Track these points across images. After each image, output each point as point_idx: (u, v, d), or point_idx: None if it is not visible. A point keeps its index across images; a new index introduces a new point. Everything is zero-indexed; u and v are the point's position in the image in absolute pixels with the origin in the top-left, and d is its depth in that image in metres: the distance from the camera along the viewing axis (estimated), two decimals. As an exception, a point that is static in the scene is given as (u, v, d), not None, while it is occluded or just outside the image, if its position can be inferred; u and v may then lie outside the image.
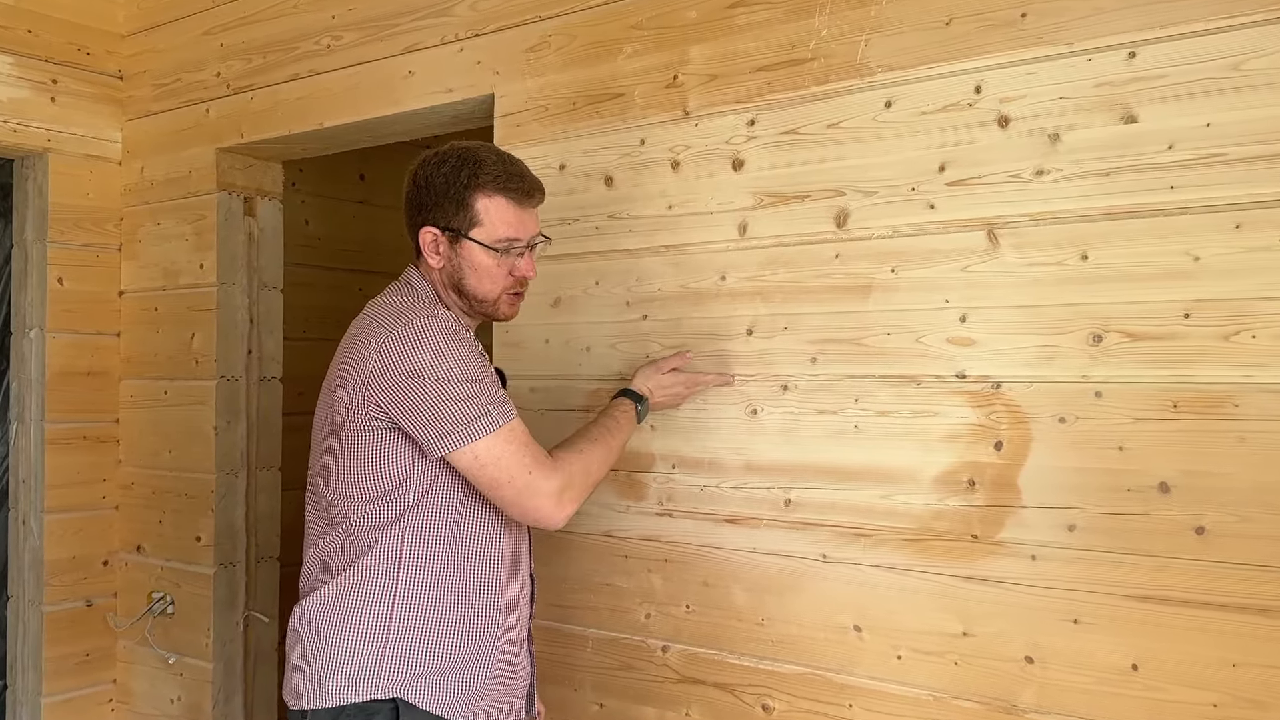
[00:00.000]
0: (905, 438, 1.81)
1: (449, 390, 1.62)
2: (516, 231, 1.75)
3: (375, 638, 1.67)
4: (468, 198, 1.73)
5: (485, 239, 1.73)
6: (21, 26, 2.98)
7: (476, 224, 1.73)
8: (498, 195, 1.73)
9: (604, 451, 1.79)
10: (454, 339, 1.65)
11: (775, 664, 1.94)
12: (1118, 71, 1.62)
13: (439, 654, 1.68)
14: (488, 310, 1.80)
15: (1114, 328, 1.62)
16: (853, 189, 1.86)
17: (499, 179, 1.74)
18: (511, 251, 1.76)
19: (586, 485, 1.74)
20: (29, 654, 3.09)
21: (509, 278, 1.77)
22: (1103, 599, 1.62)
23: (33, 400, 3.08)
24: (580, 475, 1.72)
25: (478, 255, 1.74)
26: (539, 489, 1.65)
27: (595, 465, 1.76)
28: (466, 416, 1.62)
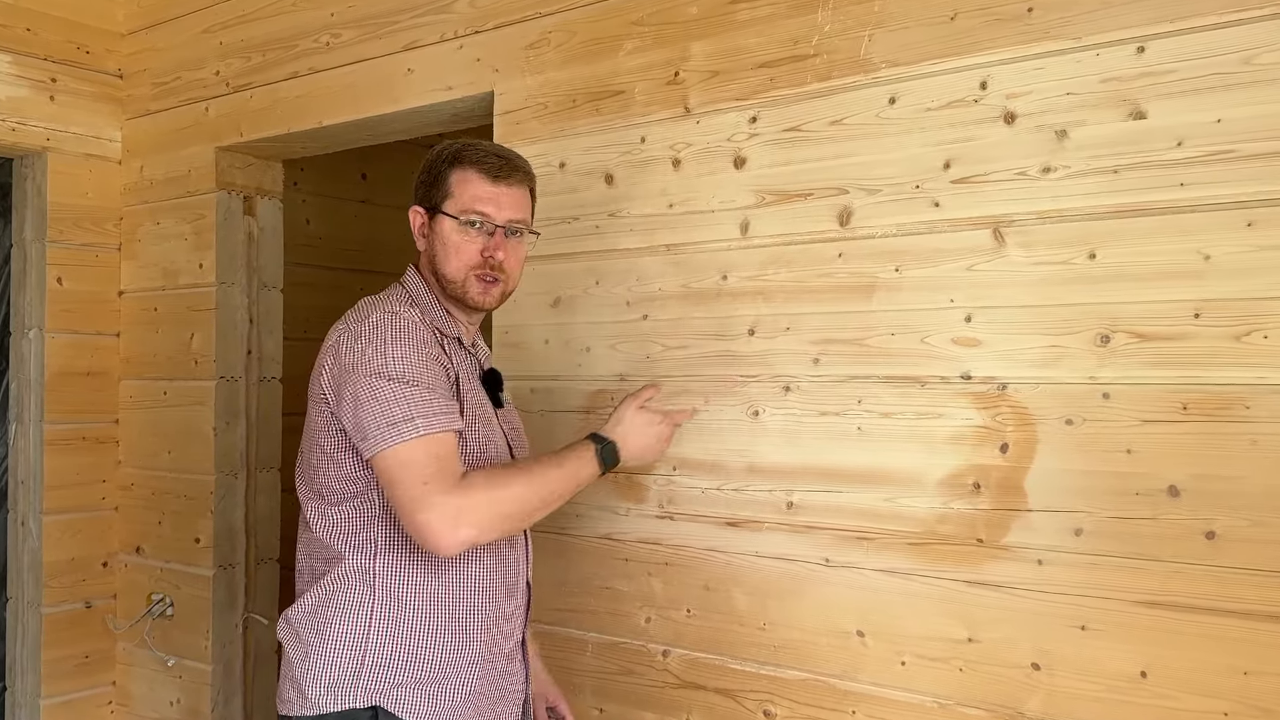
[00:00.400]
0: (909, 440, 1.78)
1: (380, 390, 1.56)
2: (486, 206, 1.71)
3: (354, 645, 1.63)
4: (444, 171, 1.72)
5: (453, 211, 1.71)
6: (20, 25, 2.96)
7: (448, 196, 1.71)
8: (470, 169, 1.71)
9: (528, 487, 1.60)
10: (403, 338, 1.60)
11: (777, 669, 1.91)
12: (1126, 66, 1.59)
13: (419, 663, 1.64)
14: (457, 293, 1.73)
15: (1122, 328, 1.59)
16: (856, 187, 1.83)
17: (475, 154, 1.72)
18: (481, 227, 1.70)
19: (494, 516, 1.55)
20: (28, 656, 3.07)
21: (477, 257, 1.71)
22: (1111, 605, 1.59)
23: (32, 401, 3.06)
24: (485, 504, 1.54)
25: (449, 231, 1.71)
26: (430, 503, 1.51)
27: (510, 498, 1.58)
28: (390, 419, 1.54)
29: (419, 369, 1.59)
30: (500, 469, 1.62)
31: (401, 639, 1.63)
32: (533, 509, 1.61)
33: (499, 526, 1.57)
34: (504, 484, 1.58)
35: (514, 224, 1.74)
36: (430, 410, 1.56)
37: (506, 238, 1.73)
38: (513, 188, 1.74)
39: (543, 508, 1.62)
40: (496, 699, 1.73)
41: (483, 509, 1.54)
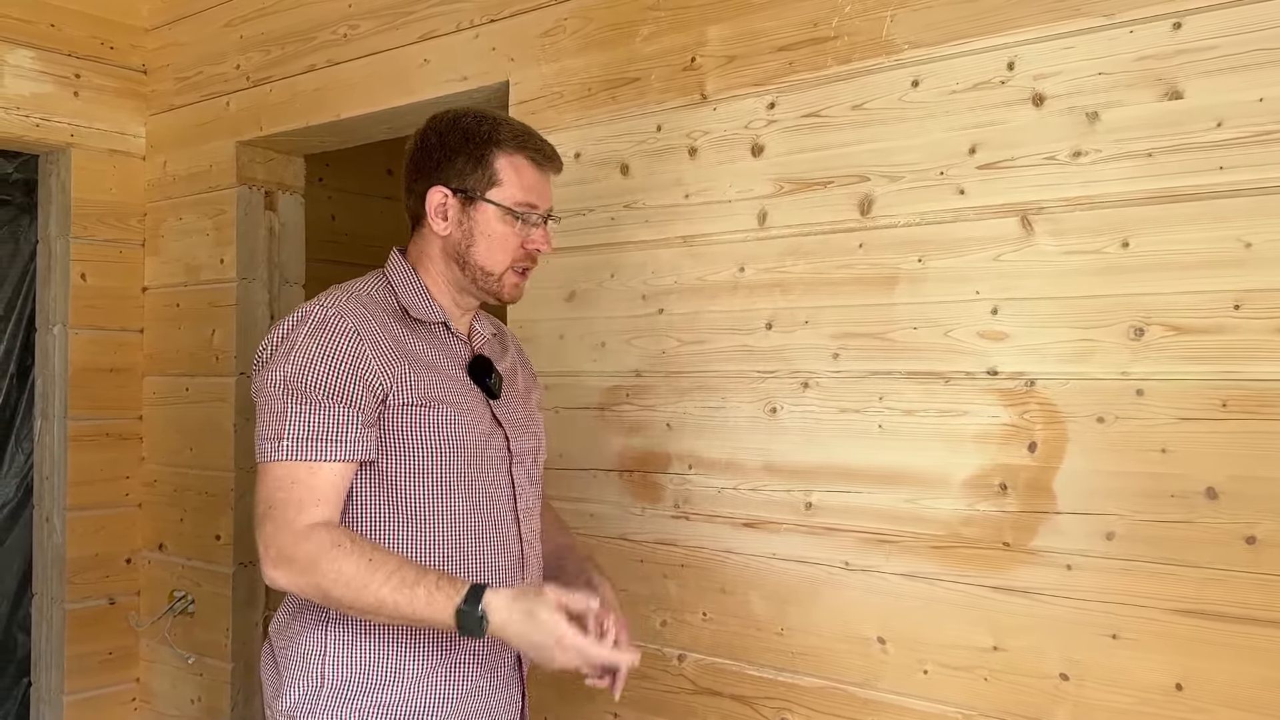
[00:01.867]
0: (932, 438, 1.70)
1: (272, 400, 1.46)
2: (535, 197, 1.58)
3: (313, 664, 1.51)
4: (487, 155, 1.56)
5: (504, 200, 1.56)
6: (44, 20, 2.96)
7: (495, 184, 1.56)
8: (519, 155, 1.57)
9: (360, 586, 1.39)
10: (326, 339, 1.47)
11: (795, 676, 1.84)
12: (1161, 44, 1.50)
13: (382, 685, 1.51)
14: (491, 287, 1.60)
15: (1157, 320, 1.50)
16: (877, 174, 1.76)
17: (520, 137, 1.58)
18: (528, 220, 1.58)
19: (308, 584, 1.41)
20: (52, 652, 3.08)
21: (520, 250, 1.59)
22: (1144, 613, 1.50)
23: (56, 397, 3.06)
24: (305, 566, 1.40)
25: (493, 220, 1.56)
26: (264, 531, 1.43)
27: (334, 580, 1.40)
28: (270, 434, 1.45)
29: (324, 380, 1.45)
30: (355, 545, 1.42)
31: (360, 656, 1.51)
32: (353, 605, 1.41)
33: (311, 594, 1.43)
34: (338, 562, 1.39)
35: (551, 214, 1.64)
36: (308, 434, 1.44)
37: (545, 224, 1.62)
38: (554, 176, 1.64)
39: (368, 612, 1.42)
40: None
41: (300, 570, 1.41)
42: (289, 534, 1.42)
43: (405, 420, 1.51)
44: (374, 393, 1.48)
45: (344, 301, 1.53)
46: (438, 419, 1.53)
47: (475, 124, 1.59)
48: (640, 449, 2.03)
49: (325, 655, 1.52)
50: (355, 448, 1.47)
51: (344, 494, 1.48)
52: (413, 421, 1.51)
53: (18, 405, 3.14)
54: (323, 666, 1.52)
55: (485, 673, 1.58)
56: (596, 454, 2.09)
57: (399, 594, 1.39)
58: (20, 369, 3.13)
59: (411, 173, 1.62)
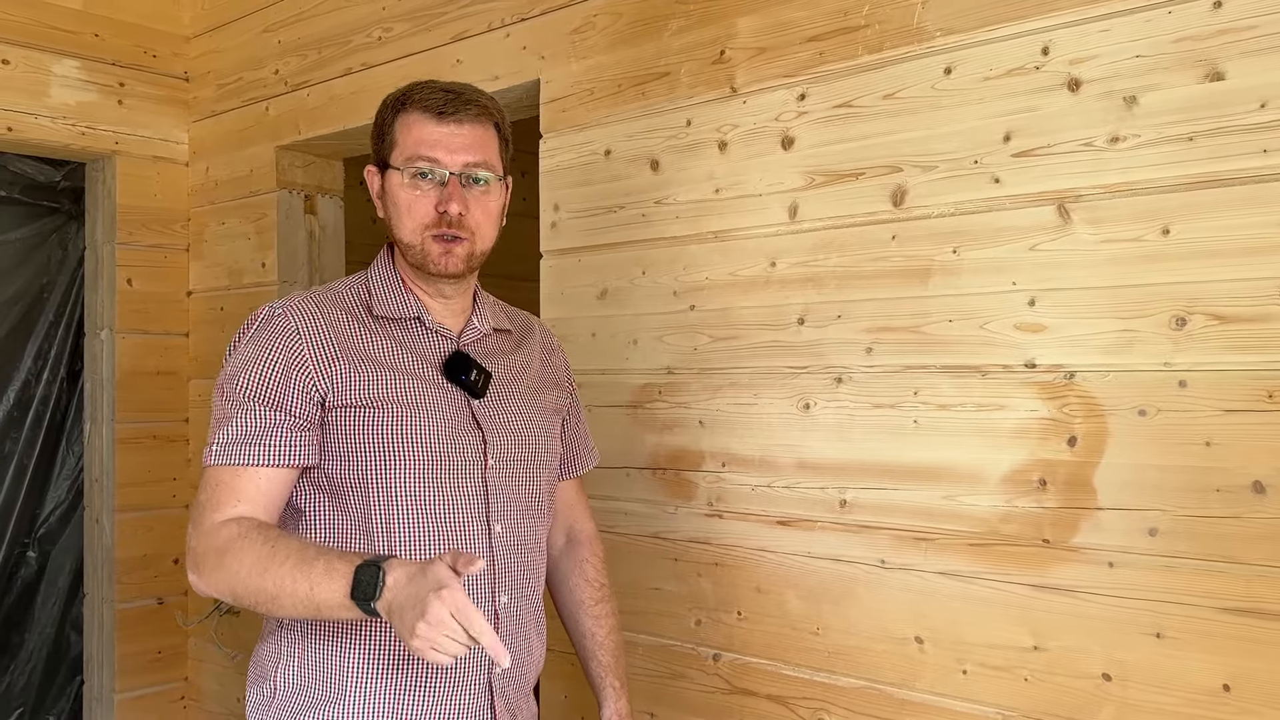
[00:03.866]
0: (969, 433, 1.66)
1: (215, 400, 1.44)
2: (435, 150, 1.44)
3: (270, 673, 1.47)
4: (389, 119, 1.49)
5: (398, 161, 1.46)
6: (89, 31, 3.01)
7: (394, 146, 1.47)
8: (413, 111, 1.46)
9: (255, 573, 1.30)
10: (264, 340, 1.42)
11: (831, 676, 1.81)
12: (1201, 24, 1.45)
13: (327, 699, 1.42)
14: (417, 259, 1.48)
15: (1200, 309, 1.45)
16: (910, 164, 1.73)
17: (418, 92, 1.48)
18: (430, 176, 1.44)
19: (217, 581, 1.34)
20: (103, 651, 3.13)
21: (432, 213, 1.45)
22: (1189, 611, 1.45)
23: (104, 400, 3.12)
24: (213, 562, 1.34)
25: (394, 187, 1.47)
26: (189, 533, 1.40)
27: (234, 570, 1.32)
28: (209, 437, 1.42)
29: (256, 384, 1.40)
30: (261, 532, 1.34)
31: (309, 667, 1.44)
32: (257, 597, 1.31)
33: (223, 593, 1.36)
34: (242, 552, 1.32)
35: (472, 169, 1.46)
36: (235, 437, 1.39)
37: (465, 187, 1.46)
38: (466, 125, 1.46)
39: (272, 603, 1.31)
40: None
41: (211, 567, 1.35)
42: (203, 535, 1.37)
43: (343, 425, 1.43)
44: (308, 396, 1.42)
45: (298, 300, 1.48)
46: (379, 424, 1.43)
47: (394, 94, 1.52)
48: (673, 446, 2.02)
49: (279, 663, 1.47)
50: (284, 452, 1.39)
51: (274, 499, 1.41)
52: (351, 426, 1.43)
53: (68, 409, 3.20)
54: (276, 674, 1.46)
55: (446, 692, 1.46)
56: (629, 452, 2.08)
57: (297, 572, 1.28)
58: (70, 373, 3.20)
59: None
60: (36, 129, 2.93)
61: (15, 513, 3.10)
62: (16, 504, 3.11)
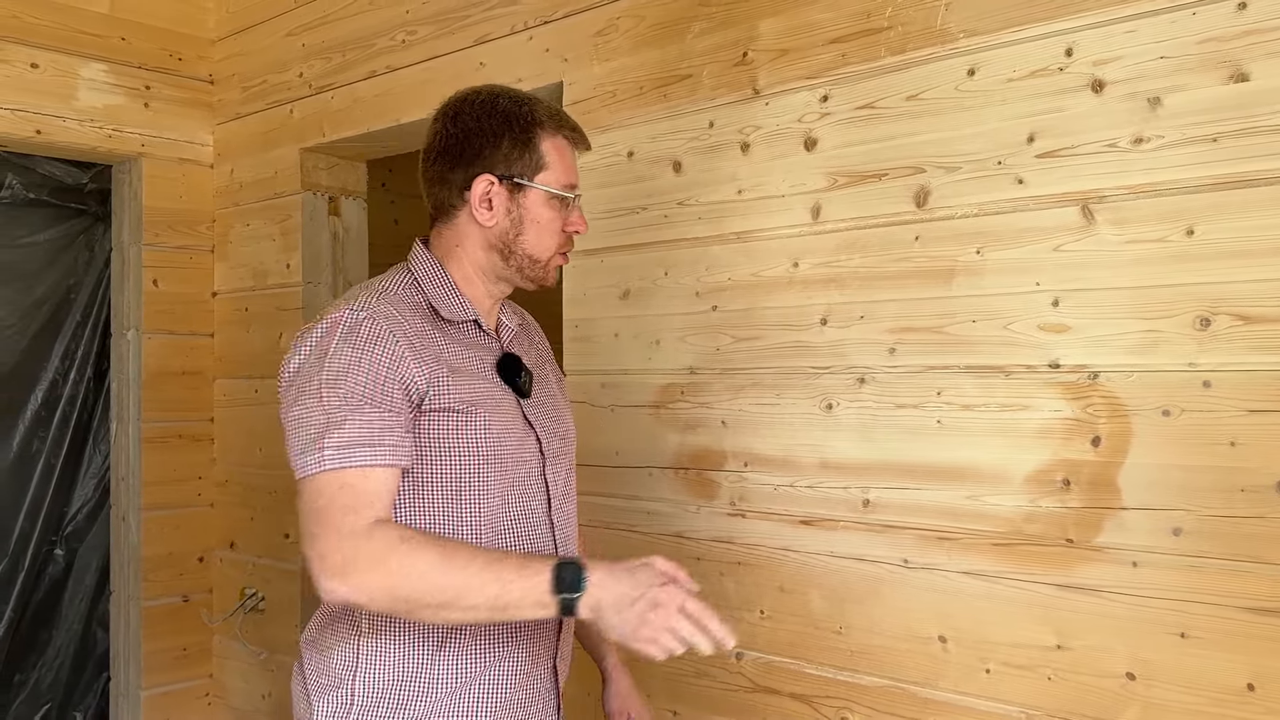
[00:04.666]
0: (993, 434, 1.67)
1: (311, 408, 1.35)
2: (576, 178, 1.54)
3: (344, 681, 1.46)
4: (533, 138, 1.49)
5: (552, 185, 1.50)
6: (115, 35, 3.05)
7: (543, 168, 1.49)
8: (558, 136, 1.51)
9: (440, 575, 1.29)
10: (360, 342, 1.38)
11: (855, 675, 1.82)
12: (1226, 25, 1.46)
13: (416, 701, 1.44)
14: (536, 275, 1.53)
15: (1225, 310, 1.45)
16: (934, 165, 1.73)
17: (556, 117, 1.52)
18: (572, 203, 1.53)
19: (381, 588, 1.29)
20: (129, 648, 3.16)
21: (561, 234, 1.53)
22: (1214, 611, 1.46)
23: (130, 400, 3.15)
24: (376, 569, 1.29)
25: (541, 206, 1.50)
26: (310, 548, 1.31)
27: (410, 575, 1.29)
28: (307, 441, 1.34)
29: (363, 385, 1.36)
30: (424, 536, 1.34)
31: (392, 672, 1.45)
32: (427, 599, 1.29)
33: (378, 598, 1.30)
34: (410, 555, 1.28)
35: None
36: (353, 439, 1.33)
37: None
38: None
39: (445, 605, 1.29)
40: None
41: (365, 570, 1.29)
42: (348, 539, 1.30)
43: (439, 428, 1.43)
44: (410, 397, 1.40)
45: (373, 303, 1.43)
46: (472, 427, 1.45)
47: (514, 105, 1.51)
48: (695, 446, 2.03)
49: (357, 670, 1.46)
50: (400, 453, 1.37)
51: (393, 499, 1.38)
52: (447, 430, 1.43)
53: (95, 408, 3.24)
54: (353, 683, 1.46)
55: (520, 689, 1.50)
56: (652, 452, 2.09)
57: (486, 572, 1.28)
58: (97, 373, 3.23)
59: (444, 160, 1.52)
60: (64, 132, 2.97)
61: (43, 511, 3.15)
62: (44, 502, 3.15)
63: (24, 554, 3.11)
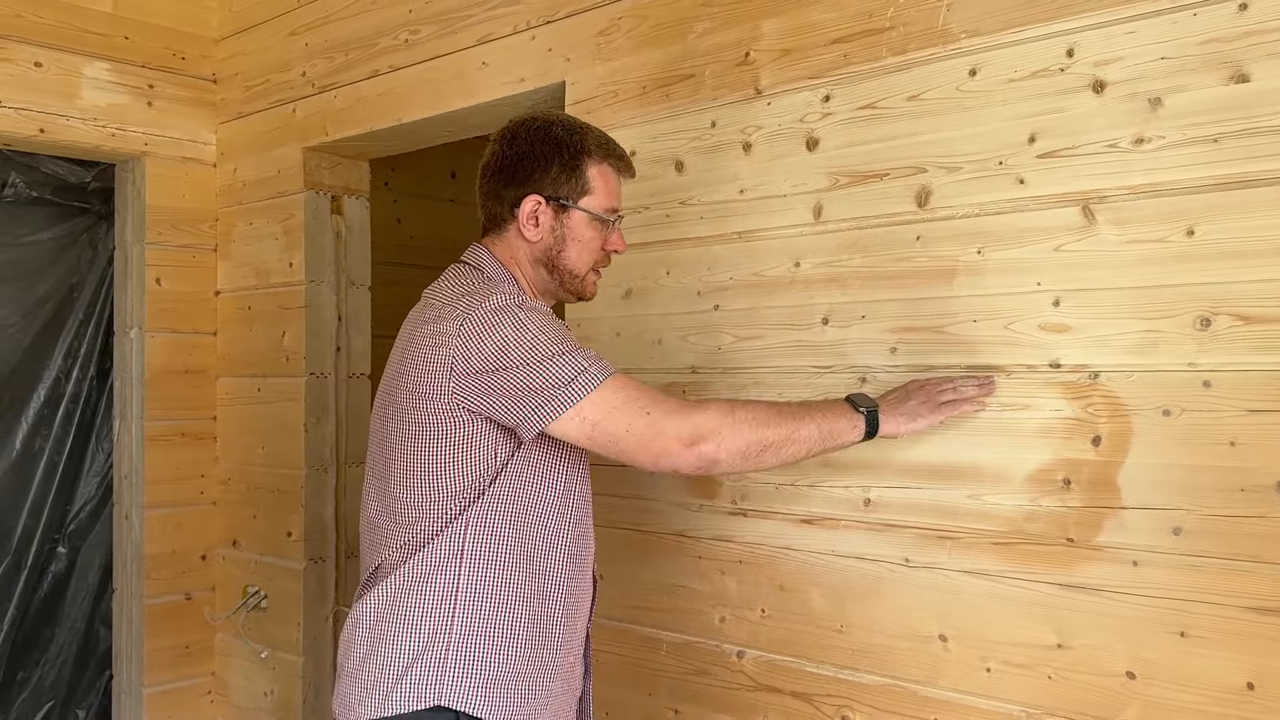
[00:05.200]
0: (994, 433, 1.67)
1: (538, 361, 1.51)
2: (619, 202, 1.71)
3: (436, 642, 1.55)
4: (580, 164, 1.66)
5: (595, 208, 1.67)
6: (119, 34, 3.06)
7: (587, 192, 1.66)
8: (605, 163, 1.68)
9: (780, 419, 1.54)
10: (532, 310, 1.55)
11: (855, 674, 1.82)
12: (1227, 26, 1.46)
13: (503, 660, 1.56)
14: (575, 288, 1.71)
15: (1225, 310, 1.46)
16: (935, 165, 1.74)
17: (605, 146, 1.69)
18: (612, 224, 1.70)
19: (739, 439, 1.51)
20: (132, 645, 3.17)
21: (600, 252, 1.70)
22: (1214, 610, 1.46)
23: (133, 398, 3.16)
24: (730, 421, 1.51)
25: (583, 226, 1.67)
26: (661, 428, 1.49)
27: (757, 417, 1.53)
28: (562, 380, 1.50)
29: (562, 333, 1.55)
30: (740, 400, 1.64)
31: (486, 634, 1.56)
32: (776, 440, 1.53)
33: (750, 448, 1.52)
34: (743, 409, 1.54)
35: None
36: (592, 357, 1.53)
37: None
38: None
39: (787, 442, 1.54)
40: (568, 696, 1.67)
41: (722, 428, 1.50)
42: (680, 410, 1.52)
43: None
44: None
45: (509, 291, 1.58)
46: None
47: (565, 134, 1.67)
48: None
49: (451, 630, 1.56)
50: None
51: None
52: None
53: (98, 406, 3.25)
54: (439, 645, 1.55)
55: (574, 649, 1.67)
56: (654, 450, 2.09)
57: (805, 411, 1.58)
58: (100, 371, 3.24)
59: (499, 178, 1.68)
60: (68, 130, 2.97)
61: (46, 509, 3.15)
62: (47, 500, 3.16)
63: (27, 552, 3.12)
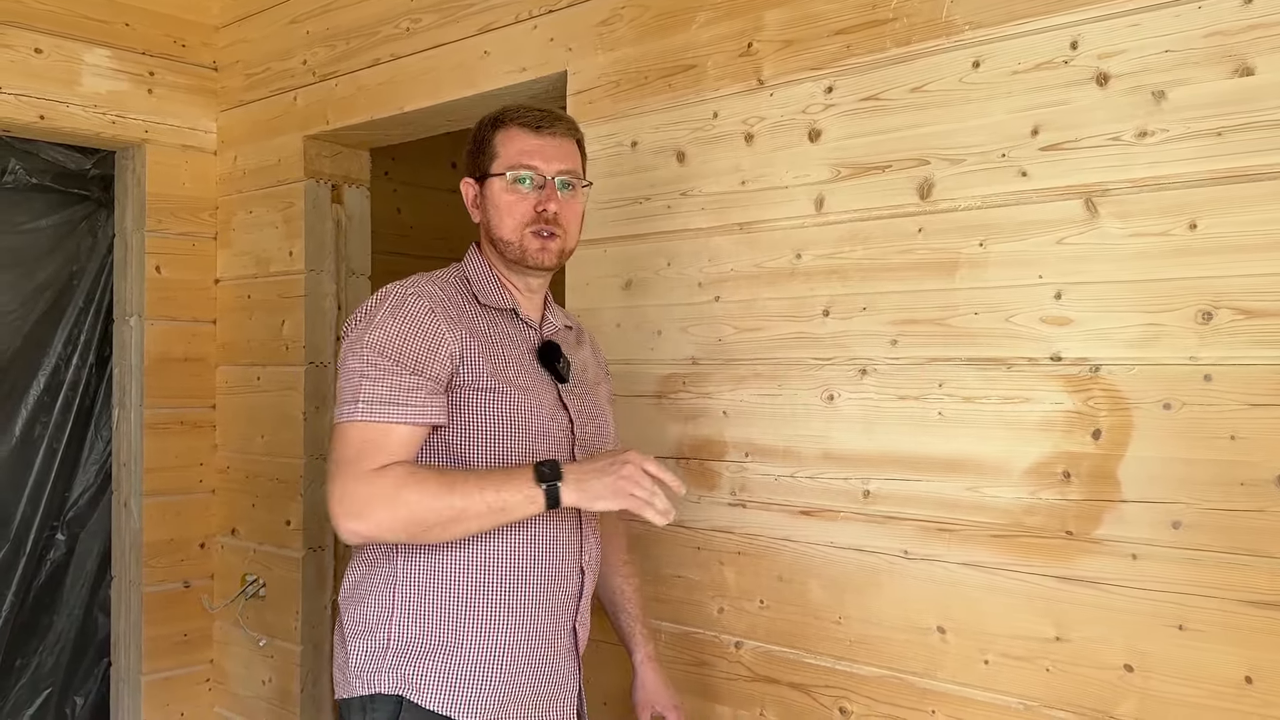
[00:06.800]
0: (994, 426, 1.67)
1: (351, 366, 1.54)
2: (533, 159, 1.64)
3: (379, 626, 1.58)
4: (488, 136, 1.68)
5: (501, 169, 1.65)
6: (119, 20, 3.05)
7: (495, 158, 1.66)
8: (511, 126, 1.66)
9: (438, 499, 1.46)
10: (398, 316, 1.55)
11: (853, 665, 1.83)
12: (1232, 19, 1.46)
13: (444, 648, 1.56)
14: (516, 255, 1.65)
15: (1226, 304, 1.46)
16: (938, 157, 1.73)
17: (513, 111, 1.68)
18: (530, 183, 1.64)
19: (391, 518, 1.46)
20: (130, 633, 3.17)
21: (530, 212, 1.63)
22: (1212, 604, 1.46)
23: (132, 386, 3.16)
24: (384, 502, 1.46)
25: (498, 192, 1.65)
26: (335, 490, 1.48)
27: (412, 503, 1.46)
28: (346, 395, 1.53)
29: (399, 351, 1.53)
30: (424, 472, 1.49)
31: (429, 621, 1.57)
32: (436, 519, 1.47)
33: (393, 527, 1.47)
34: (416, 486, 1.46)
35: (564, 175, 1.66)
36: (383, 397, 1.50)
37: (559, 191, 1.66)
38: (559, 139, 1.67)
39: (452, 521, 1.47)
40: (539, 693, 1.63)
41: (379, 506, 1.46)
42: (362, 481, 1.48)
43: (469, 399, 1.58)
44: (444, 363, 1.56)
45: (422, 283, 1.62)
46: (499, 400, 1.59)
47: (487, 116, 1.70)
48: (697, 436, 2.03)
49: (391, 618, 1.58)
50: (425, 412, 1.53)
51: (413, 453, 1.54)
52: (476, 401, 1.59)
53: (97, 394, 3.24)
54: (389, 627, 1.58)
55: (544, 644, 1.63)
56: (653, 441, 2.09)
57: (482, 482, 1.48)
58: (99, 359, 3.24)
59: None
60: (68, 117, 2.97)
61: (45, 496, 3.15)
62: (46, 487, 3.16)
63: (26, 539, 3.12)
